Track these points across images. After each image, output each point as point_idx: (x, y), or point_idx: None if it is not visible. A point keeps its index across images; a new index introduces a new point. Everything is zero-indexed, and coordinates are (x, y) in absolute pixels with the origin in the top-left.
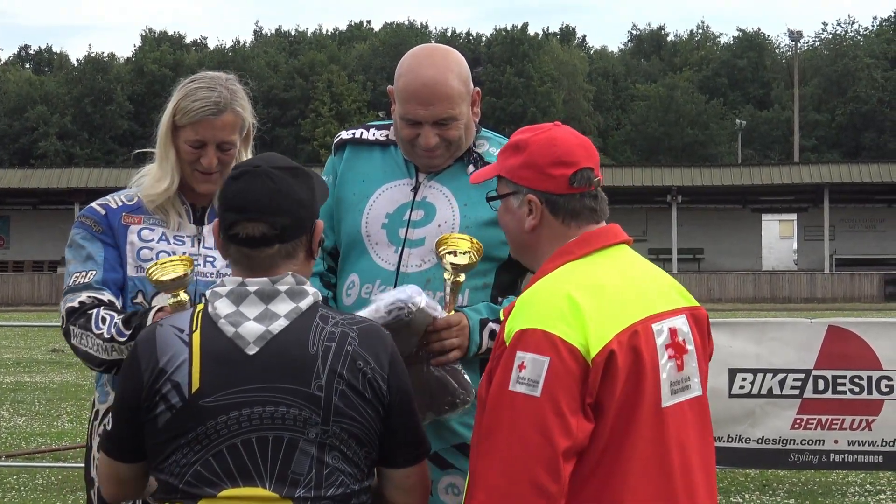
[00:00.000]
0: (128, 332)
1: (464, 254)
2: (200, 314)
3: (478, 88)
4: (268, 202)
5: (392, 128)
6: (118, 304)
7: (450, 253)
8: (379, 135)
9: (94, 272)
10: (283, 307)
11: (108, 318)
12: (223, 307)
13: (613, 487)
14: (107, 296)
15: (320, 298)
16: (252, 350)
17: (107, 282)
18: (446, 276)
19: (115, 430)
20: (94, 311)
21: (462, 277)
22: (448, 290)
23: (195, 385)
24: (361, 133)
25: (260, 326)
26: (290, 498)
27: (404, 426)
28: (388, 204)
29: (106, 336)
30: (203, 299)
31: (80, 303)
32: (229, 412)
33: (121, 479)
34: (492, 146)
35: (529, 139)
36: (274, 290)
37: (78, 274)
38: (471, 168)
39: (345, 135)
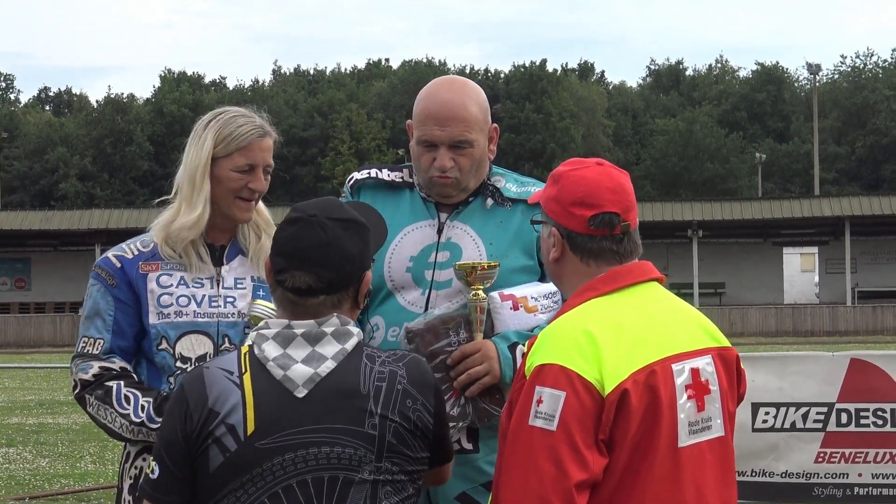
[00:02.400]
0: (160, 420)
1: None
2: (247, 356)
3: (496, 125)
4: (318, 255)
5: (407, 170)
6: (130, 368)
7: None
8: (395, 176)
9: (101, 341)
10: (329, 349)
11: (132, 398)
12: (271, 350)
13: None
14: (117, 363)
15: (362, 337)
16: (301, 393)
17: (113, 350)
18: (470, 296)
19: (162, 475)
20: (114, 385)
21: (482, 295)
22: (472, 311)
23: (251, 427)
24: (376, 173)
25: (308, 369)
26: None
27: (441, 446)
28: (412, 247)
29: (135, 420)
30: (246, 340)
31: (94, 376)
32: (285, 454)
33: None
34: (508, 181)
35: (563, 174)
36: (320, 332)
37: (86, 339)
38: (490, 202)
39: (358, 175)
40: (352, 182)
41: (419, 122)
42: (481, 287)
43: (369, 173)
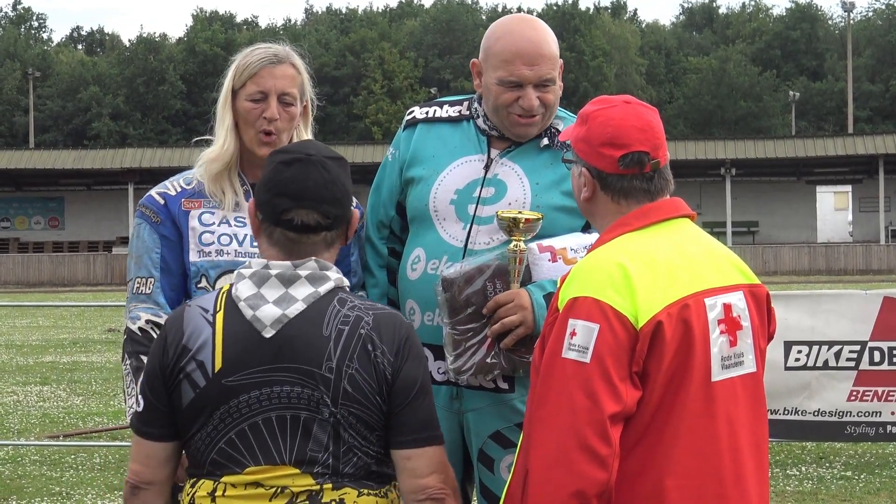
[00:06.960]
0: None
1: (516, 220)
2: (225, 295)
3: (562, 61)
4: (324, 192)
5: (467, 102)
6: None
7: (511, 220)
8: (452, 111)
9: (152, 280)
10: (301, 291)
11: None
12: (244, 289)
13: (658, 458)
14: (164, 317)
15: (344, 284)
16: (268, 333)
17: (164, 288)
18: (510, 247)
19: (146, 408)
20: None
21: (522, 246)
22: (510, 262)
23: (218, 364)
24: (435, 111)
25: (277, 310)
26: (309, 474)
27: (409, 410)
28: (458, 180)
29: (128, 413)
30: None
31: (140, 330)
32: (250, 391)
33: (154, 459)
34: (567, 125)
35: (591, 114)
36: (294, 274)
37: (139, 280)
38: (545, 141)
39: (419, 114)
40: (410, 116)
41: (501, 60)
42: (522, 238)
43: (428, 112)
